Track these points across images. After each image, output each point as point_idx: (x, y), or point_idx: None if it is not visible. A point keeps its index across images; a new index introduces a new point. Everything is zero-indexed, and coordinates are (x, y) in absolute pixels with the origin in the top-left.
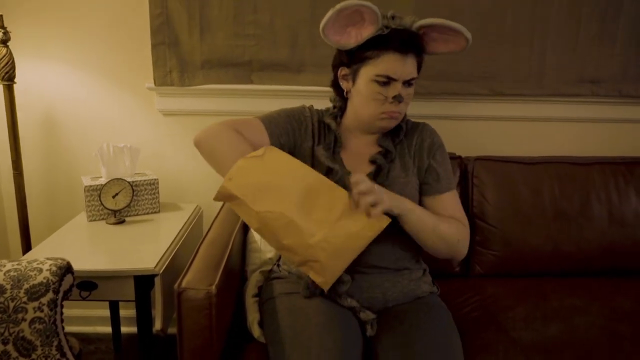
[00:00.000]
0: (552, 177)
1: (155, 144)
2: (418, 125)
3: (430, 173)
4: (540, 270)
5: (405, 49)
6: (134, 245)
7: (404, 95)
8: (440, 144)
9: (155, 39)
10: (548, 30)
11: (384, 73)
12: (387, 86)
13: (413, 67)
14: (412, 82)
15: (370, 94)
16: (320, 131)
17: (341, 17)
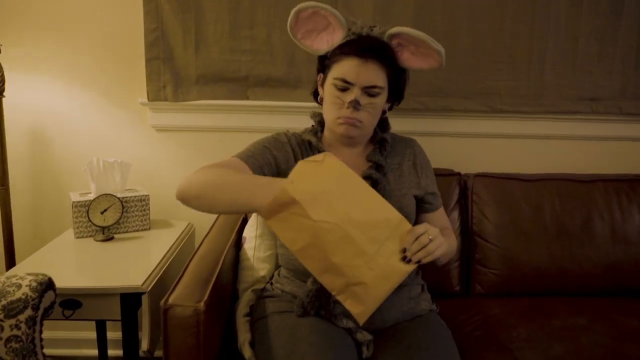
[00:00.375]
0: (553, 194)
1: (147, 159)
2: (408, 141)
3: (427, 191)
4: (542, 290)
5: (364, 54)
6: (121, 263)
7: (364, 104)
8: (428, 161)
9: (150, 54)
10: (547, 48)
11: (340, 76)
12: (345, 91)
13: (375, 74)
14: (377, 93)
15: (330, 97)
16: (302, 151)
17: (303, 19)
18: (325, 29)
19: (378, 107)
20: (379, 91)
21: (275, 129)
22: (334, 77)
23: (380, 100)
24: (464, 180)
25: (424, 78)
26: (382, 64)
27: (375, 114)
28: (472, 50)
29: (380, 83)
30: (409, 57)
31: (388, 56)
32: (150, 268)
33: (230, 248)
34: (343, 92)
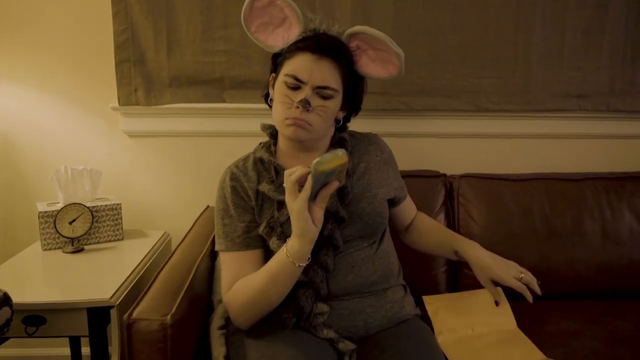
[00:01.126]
0: (542, 194)
1: (120, 166)
2: (370, 137)
3: (398, 183)
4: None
5: (319, 50)
6: (90, 275)
7: (315, 105)
8: (391, 151)
9: (120, 56)
10: (532, 42)
11: (291, 72)
12: (296, 90)
13: (329, 74)
14: (329, 95)
15: (280, 96)
16: (259, 172)
17: (258, 9)
18: (282, 24)
19: (330, 111)
20: (331, 93)
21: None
22: (285, 73)
23: (333, 104)
24: (450, 182)
25: (406, 77)
26: (337, 63)
27: (326, 117)
28: (455, 47)
29: (334, 84)
30: (367, 62)
31: (345, 57)
32: (120, 280)
33: (204, 257)
34: (293, 91)
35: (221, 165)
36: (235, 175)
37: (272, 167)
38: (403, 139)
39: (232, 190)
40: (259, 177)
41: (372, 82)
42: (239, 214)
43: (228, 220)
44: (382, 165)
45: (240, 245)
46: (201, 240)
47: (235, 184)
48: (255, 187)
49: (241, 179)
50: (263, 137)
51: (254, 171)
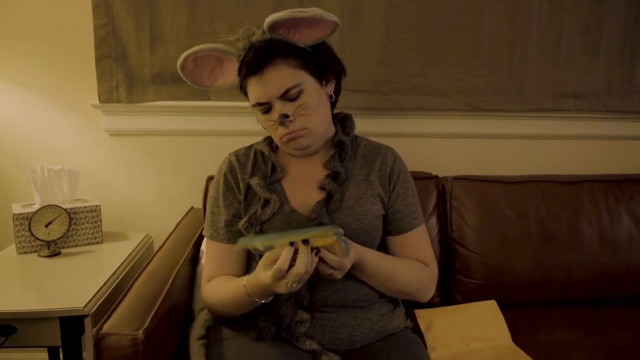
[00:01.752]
0: (538, 198)
1: (101, 166)
2: (382, 149)
3: (392, 209)
4: (527, 300)
5: (256, 68)
6: (66, 281)
7: (292, 112)
8: (403, 172)
9: (100, 51)
10: (528, 40)
11: (253, 102)
12: (269, 112)
13: (279, 79)
14: (296, 94)
15: (263, 122)
16: (256, 162)
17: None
18: (222, 62)
19: (311, 104)
20: (296, 91)
21: (240, 131)
22: (251, 105)
23: (308, 97)
24: (442, 184)
25: (397, 74)
26: (279, 64)
27: (314, 111)
28: (449, 44)
29: (290, 83)
30: (307, 31)
31: (280, 51)
32: (96, 287)
33: (184, 264)
34: (268, 114)
35: (206, 165)
36: (232, 165)
37: (270, 162)
38: (393, 139)
39: (224, 181)
40: (254, 169)
41: (362, 80)
42: (226, 206)
43: (216, 209)
44: (382, 181)
45: (223, 237)
46: (182, 245)
47: (228, 175)
48: (247, 180)
49: (236, 169)
50: (251, 137)
51: (252, 162)
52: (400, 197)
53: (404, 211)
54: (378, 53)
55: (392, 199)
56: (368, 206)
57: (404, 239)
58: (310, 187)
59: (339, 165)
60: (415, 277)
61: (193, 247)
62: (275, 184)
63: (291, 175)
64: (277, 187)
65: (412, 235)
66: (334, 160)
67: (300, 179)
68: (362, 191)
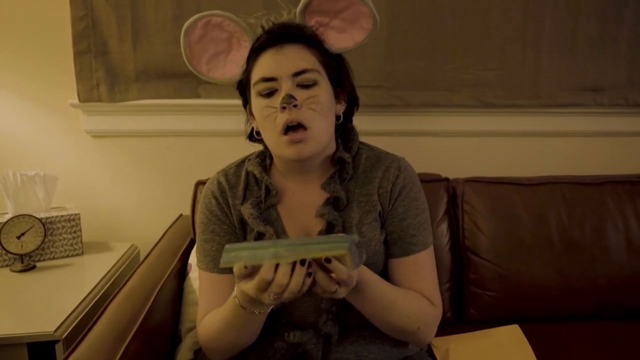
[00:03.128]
0: (558, 201)
1: (81, 171)
2: (388, 159)
3: (391, 228)
4: (548, 314)
5: (277, 40)
6: (39, 300)
7: (302, 99)
8: (408, 189)
9: (78, 47)
10: (542, 29)
11: (259, 77)
12: (273, 95)
13: (299, 57)
14: (312, 81)
15: (261, 112)
16: (248, 188)
17: (197, 43)
18: (230, 47)
19: (322, 100)
20: (313, 77)
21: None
22: (254, 82)
23: (321, 91)
24: (453, 187)
25: (401, 68)
26: (304, 44)
27: (322, 111)
28: (457, 34)
29: (310, 65)
30: (337, 36)
31: (309, 36)
32: (71, 306)
33: (169, 280)
34: (270, 98)
35: (195, 168)
36: (221, 187)
37: (264, 185)
38: (398, 139)
39: (216, 203)
40: (246, 193)
41: (363, 74)
42: (219, 233)
43: (208, 236)
44: (382, 198)
45: (212, 266)
46: (168, 258)
47: (220, 198)
48: (239, 207)
49: (227, 192)
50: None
51: (243, 185)
52: (397, 218)
53: (398, 233)
54: (380, 44)
55: (388, 219)
56: (371, 233)
57: (399, 264)
58: (307, 214)
59: (339, 189)
60: (417, 313)
61: (180, 260)
62: (270, 209)
63: (287, 199)
64: (272, 213)
65: (415, 261)
66: (334, 182)
67: (296, 203)
68: (364, 215)
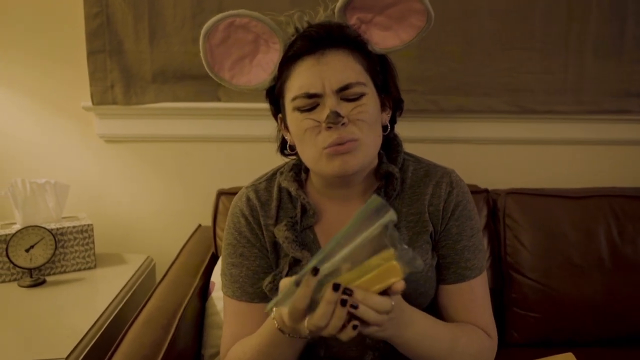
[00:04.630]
0: (607, 215)
1: (94, 178)
2: (437, 173)
3: (444, 251)
4: (597, 337)
5: (317, 46)
6: (49, 319)
7: (348, 113)
8: (461, 207)
9: (92, 45)
10: (587, 31)
11: (297, 93)
12: (314, 110)
13: (343, 67)
14: (358, 93)
15: (298, 128)
16: (282, 207)
17: (218, 45)
18: (257, 50)
19: (370, 112)
20: (360, 90)
21: (254, 137)
22: (291, 99)
23: (369, 101)
24: (493, 199)
25: (435, 71)
26: (347, 49)
27: (371, 122)
28: (495, 36)
29: (356, 77)
30: (381, 34)
31: (352, 38)
32: (85, 327)
33: (191, 301)
34: (311, 112)
35: (216, 176)
36: (252, 205)
37: (299, 203)
38: (432, 146)
39: (246, 224)
40: (279, 212)
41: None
42: (249, 257)
43: (237, 260)
44: (433, 218)
45: (248, 295)
46: (189, 275)
47: (249, 218)
48: (272, 228)
49: (258, 211)
50: (267, 144)
51: (276, 203)
52: (451, 240)
53: (452, 257)
54: (413, 46)
55: (440, 240)
56: (422, 257)
57: (452, 291)
58: None
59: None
60: (477, 351)
61: (202, 277)
62: (306, 230)
63: (325, 219)
64: (309, 235)
65: (460, 290)
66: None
67: (335, 223)
68: (414, 238)
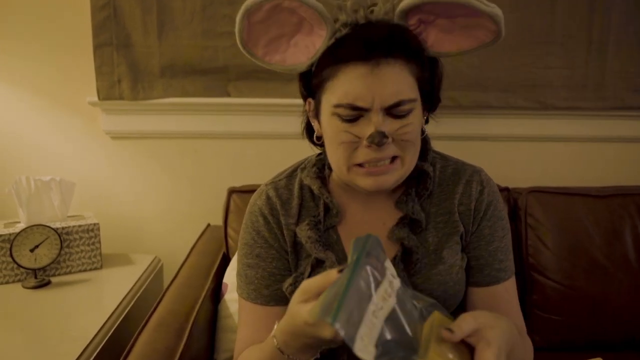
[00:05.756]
0: (634, 214)
1: (100, 176)
2: (465, 171)
3: (471, 254)
4: (624, 341)
5: (372, 54)
6: (54, 322)
7: (393, 132)
8: (493, 206)
9: (99, 39)
10: (610, 24)
11: (344, 102)
12: (356, 122)
13: (398, 82)
14: (407, 111)
15: (334, 135)
16: (304, 205)
17: (258, 24)
18: (299, 30)
19: (416, 130)
20: (409, 107)
21: (265, 134)
22: (333, 104)
23: (416, 118)
24: (514, 198)
25: (452, 65)
26: (404, 60)
27: (414, 140)
28: (515, 29)
29: (409, 94)
30: (441, 37)
31: (412, 47)
32: (92, 332)
33: (203, 303)
34: (353, 124)
35: (226, 174)
36: (271, 203)
37: (322, 201)
38: (450, 143)
39: (264, 223)
40: (301, 211)
41: None
42: (267, 258)
43: (253, 261)
44: (464, 218)
45: (264, 298)
46: (200, 276)
47: (269, 217)
48: (293, 227)
49: (278, 210)
50: (280, 141)
51: (297, 201)
52: (483, 241)
53: (485, 258)
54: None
55: (472, 242)
56: (452, 259)
57: (486, 294)
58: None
59: (419, 210)
60: (527, 351)
61: (214, 279)
62: (330, 230)
63: (349, 218)
64: (332, 235)
65: (495, 293)
66: (411, 200)
67: (361, 222)
68: (444, 239)
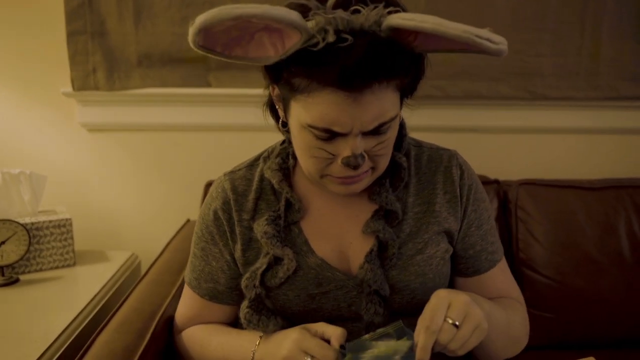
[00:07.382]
0: (627, 207)
1: (74, 169)
2: (441, 156)
3: (464, 244)
4: (618, 339)
5: (352, 83)
6: (20, 323)
7: (369, 149)
8: (474, 188)
9: (72, 26)
10: (604, 10)
11: (319, 125)
12: (331, 141)
13: (379, 107)
14: (386, 129)
15: (305, 147)
16: (262, 198)
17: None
18: (265, 29)
19: (392, 139)
20: (389, 126)
21: (248, 126)
22: (307, 123)
23: (393, 131)
24: (504, 191)
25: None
26: (387, 87)
27: (390, 149)
28: (505, 15)
29: (390, 114)
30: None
31: (397, 67)
32: (55, 332)
33: (172, 301)
34: (327, 143)
35: (204, 167)
36: (225, 197)
37: (283, 197)
38: (438, 135)
39: (213, 219)
40: (259, 205)
41: None
42: (210, 255)
43: (198, 252)
44: (450, 207)
45: (205, 292)
46: (172, 274)
47: (219, 212)
48: (248, 223)
49: (231, 205)
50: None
51: (254, 195)
52: (473, 226)
53: (479, 244)
54: None
55: (463, 230)
56: (431, 250)
57: (482, 280)
58: (346, 230)
59: (393, 200)
60: (522, 319)
61: None
62: (292, 225)
63: (315, 211)
64: (294, 230)
65: (493, 275)
66: (385, 191)
67: (329, 216)
68: (422, 229)
